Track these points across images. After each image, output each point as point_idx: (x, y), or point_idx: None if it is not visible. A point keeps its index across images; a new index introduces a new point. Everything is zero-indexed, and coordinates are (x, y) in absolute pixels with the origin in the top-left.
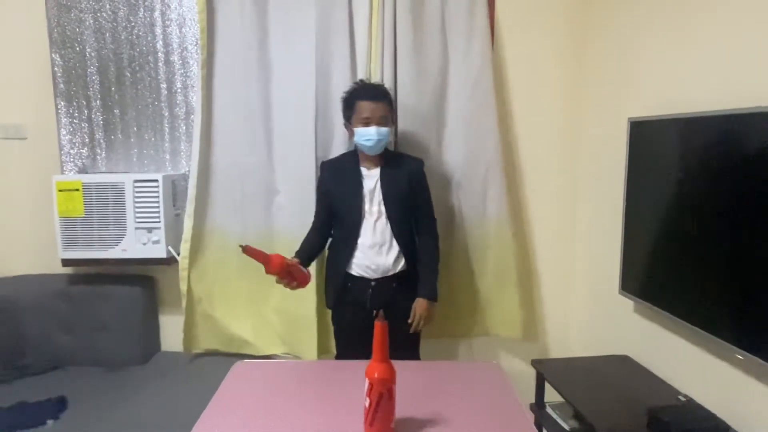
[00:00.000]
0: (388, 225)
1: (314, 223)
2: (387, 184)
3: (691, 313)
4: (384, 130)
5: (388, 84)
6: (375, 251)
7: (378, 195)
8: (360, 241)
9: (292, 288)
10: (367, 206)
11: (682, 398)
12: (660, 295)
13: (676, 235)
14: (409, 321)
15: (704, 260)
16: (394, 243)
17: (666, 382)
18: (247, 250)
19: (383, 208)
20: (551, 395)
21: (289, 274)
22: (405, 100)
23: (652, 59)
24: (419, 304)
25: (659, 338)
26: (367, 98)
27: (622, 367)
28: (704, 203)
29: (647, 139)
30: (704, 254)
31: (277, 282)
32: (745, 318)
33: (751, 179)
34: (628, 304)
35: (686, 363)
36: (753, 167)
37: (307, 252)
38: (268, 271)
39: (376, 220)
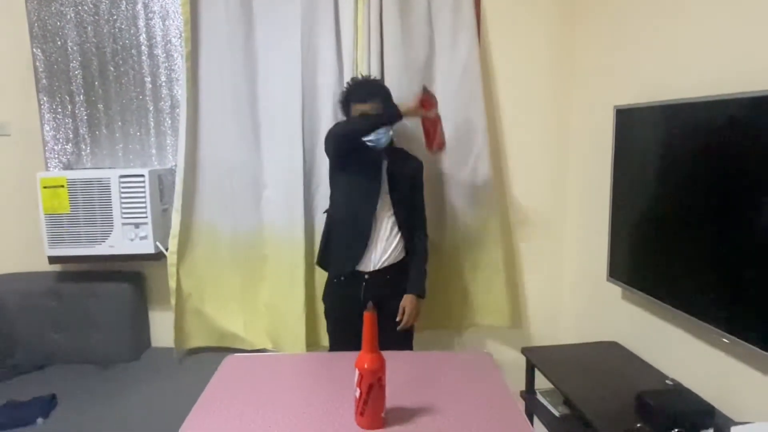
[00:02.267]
0: (393, 215)
1: None
2: (393, 175)
3: (678, 298)
4: (381, 129)
5: (374, 76)
6: (378, 241)
7: (385, 185)
8: (372, 231)
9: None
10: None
11: (669, 382)
12: (647, 281)
13: (662, 222)
14: (398, 319)
15: (690, 246)
16: (396, 233)
17: (654, 367)
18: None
19: (389, 197)
20: (541, 382)
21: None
22: (392, 92)
23: (638, 48)
24: (408, 301)
25: (647, 324)
26: (359, 101)
27: (611, 353)
28: (690, 190)
29: (633, 126)
30: (690, 240)
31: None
32: (730, 302)
33: (736, 165)
34: (616, 290)
35: (673, 348)
36: (737, 153)
37: None
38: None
39: (383, 209)
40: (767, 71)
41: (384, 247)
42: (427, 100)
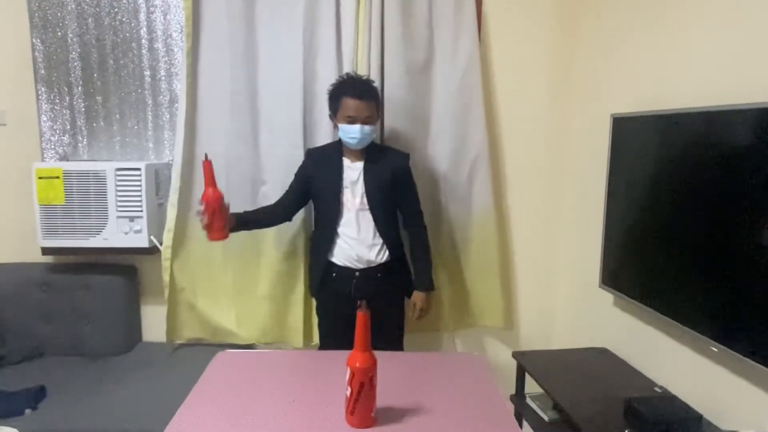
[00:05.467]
0: (371, 217)
1: (279, 199)
2: (370, 177)
3: (669, 306)
4: (368, 128)
5: (375, 77)
6: (358, 243)
7: (361, 187)
8: (341, 231)
9: (203, 227)
10: (349, 198)
11: (658, 389)
12: (639, 288)
13: (655, 231)
14: (410, 314)
15: (682, 255)
16: (377, 235)
17: (643, 374)
18: (205, 165)
19: (365, 201)
20: (531, 386)
21: (213, 215)
22: (392, 93)
23: (635, 57)
24: (418, 297)
25: (637, 331)
26: (354, 96)
27: (601, 359)
28: (682, 199)
29: (629, 135)
30: (682, 249)
31: (198, 213)
32: (720, 311)
33: (729, 176)
34: (608, 297)
35: (663, 355)
36: (731, 164)
37: (252, 216)
38: (203, 197)
39: (358, 212)
40: (763, 83)
41: (370, 247)
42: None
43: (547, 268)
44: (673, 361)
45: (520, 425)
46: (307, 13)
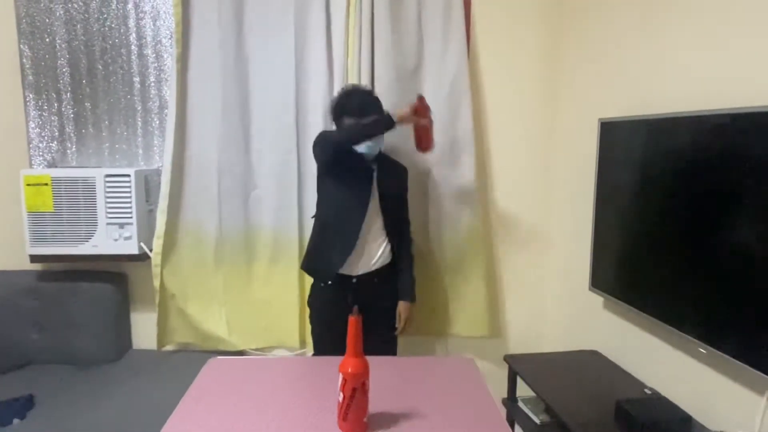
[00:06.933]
0: (382, 221)
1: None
2: (383, 180)
3: (658, 309)
4: (374, 141)
5: (365, 83)
6: (368, 246)
7: (375, 190)
8: (359, 237)
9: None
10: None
11: (648, 391)
12: (628, 291)
13: (643, 234)
14: (397, 325)
15: (670, 258)
16: (385, 238)
17: (633, 376)
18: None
19: (378, 203)
20: (523, 390)
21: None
22: (382, 99)
23: (623, 62)
24: (404, 308)
25: (627, 333)
26: (353, 115)
27: (592, 361)
28: (670, 202)
29: (617, 139)
30: (670, 252)
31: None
32: (707, 313)
33: (715, 180)
34: (597, 300)
35: (652, 357)
36: (717, 167)
37: None
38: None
39: (372, 215)
40: (749, 88)
41: (373, 252)
42: (420, 108)
43: (537, 271)
44: (663, 362)
45: (512, 429)
46: (298, 19)
